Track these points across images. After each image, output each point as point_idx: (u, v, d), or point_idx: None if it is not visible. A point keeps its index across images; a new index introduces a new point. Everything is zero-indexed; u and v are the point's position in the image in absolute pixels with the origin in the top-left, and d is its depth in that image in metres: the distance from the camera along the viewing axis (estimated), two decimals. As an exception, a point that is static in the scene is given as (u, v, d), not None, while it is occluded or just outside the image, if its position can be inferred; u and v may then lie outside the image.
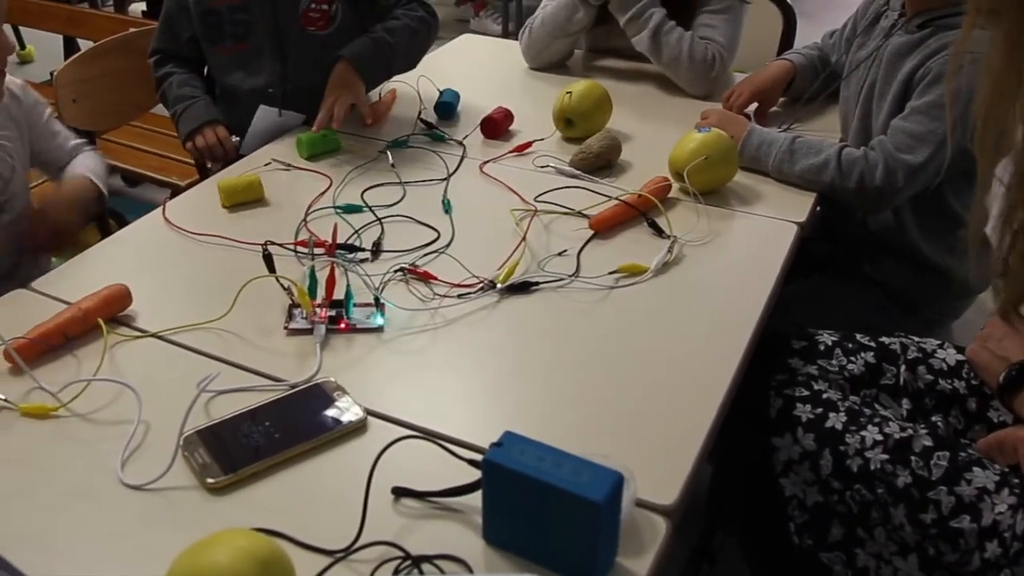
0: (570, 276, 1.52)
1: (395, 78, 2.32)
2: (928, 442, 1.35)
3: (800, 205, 1.76)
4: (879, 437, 1.37)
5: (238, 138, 2.04)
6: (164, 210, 1.70)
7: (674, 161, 1.78)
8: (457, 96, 2.17)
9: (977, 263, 1.40)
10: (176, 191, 2.63)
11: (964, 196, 1.84)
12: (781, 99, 2.19)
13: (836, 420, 1.41)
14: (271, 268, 1.45)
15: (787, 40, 2.63)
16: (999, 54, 1.15)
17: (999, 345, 1.38)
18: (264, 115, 2.07)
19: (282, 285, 1.44)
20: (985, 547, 1.26)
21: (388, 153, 1.91)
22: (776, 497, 1.45)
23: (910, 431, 1.37)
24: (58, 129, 1.79)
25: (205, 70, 2.19)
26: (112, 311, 1.40)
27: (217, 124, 2.03)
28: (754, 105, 2.15)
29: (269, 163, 1.90)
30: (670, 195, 1.76)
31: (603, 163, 1.87)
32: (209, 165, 2.07)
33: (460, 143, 1.99)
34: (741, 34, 2.32)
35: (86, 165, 1.81)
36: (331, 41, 2.09)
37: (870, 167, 1.73)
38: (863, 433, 1.38)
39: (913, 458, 1.34)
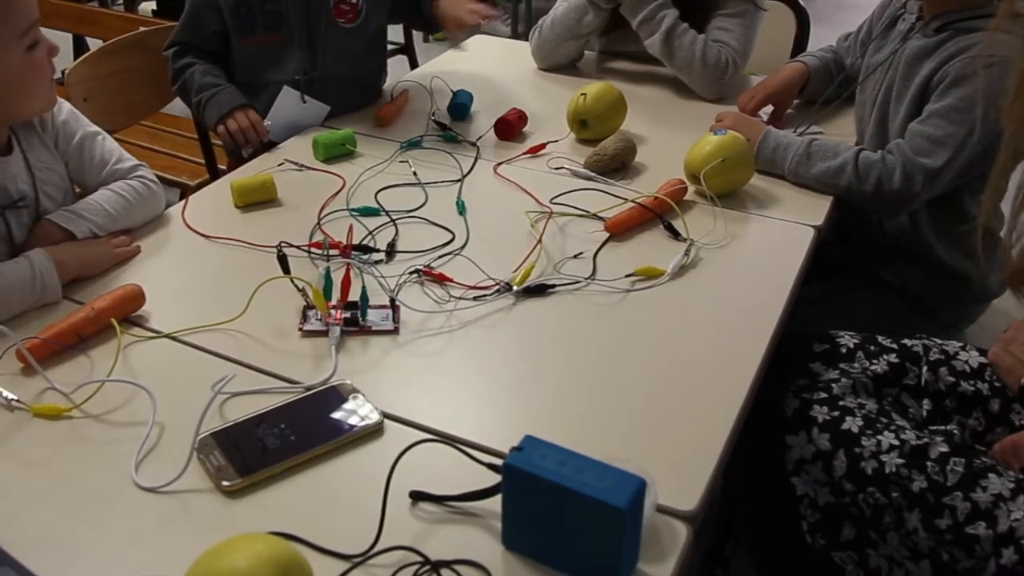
0: (586, 279, 1.51)
1: (408, 77, 2.32)
2: (944, 448, 1.34)
3: (817, 208, 1.75)
4: (895, 442, 1.36)
5: (270, 122, 2.03)
6: (184, 210, 1.70)
7: (690, 163, 1.77)
8: (471, 97, 2.16)
9: (986, 257, 1.39)
10: (186, 191, 2.63)
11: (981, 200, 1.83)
12: (796, 102, 2.18)
13: (853, 423, 1.41)
14: (286, 269, 1.44)
15: (800, 43, 2.62)
16: None
17: (1022, 349, 1.37)
18: (288, 97, 2.06)
19: (297, 286, 1.43)
20: (1001, 554, 1.25)
21: (409, 161, 1.90)
22: (787, 496, 1.44)
23: (926, 439, 1.36)
24: (96, 152, 1.63)
25: (225, 64, 2.18)
26: (125, 311, 1.39)
27: (248, 108, 2.02)
28: (769, 108, 2.14)
29: (282, 163, 1.89)
30: (686, 198, 1.75)
31: (618, 165, 1.86)
32: (244, 153, 2.05)
33: (474, 144, 1.98)
34: (755, 38, 2.31)
35: (92, 199, 1.60)
36: (356, 34, 2.13)
37: (888, 171, 1.72)
38: (879, 437, 1.37)
39: (929, 464, 1.33)
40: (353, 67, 2.15)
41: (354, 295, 1.40)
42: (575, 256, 1.57)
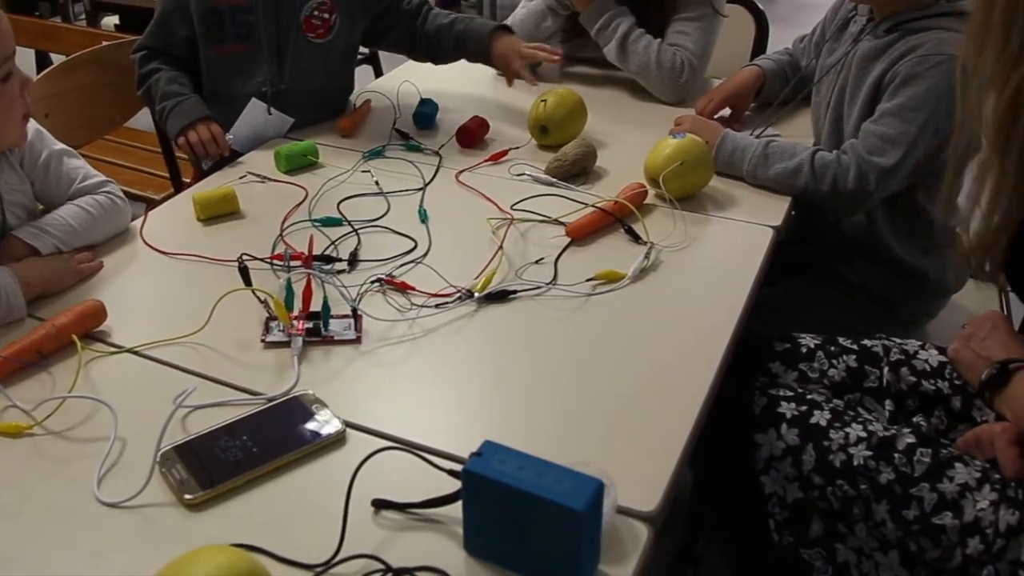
0: (548, 284, 1.52)
1: (371, 87, 2.33)
2: (911, 440, 1.36)
3: (775, 209, 1.77)
4: (863, 434, 1.37)
5: (232, 135, 2.02)
6: (143, 227, 1.69)
7: (649, 167, 1.78)
8: (436, 107, 2.17)
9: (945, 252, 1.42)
10: (151, 205, 2.62)
11: (936, 197, 1.86)
12: (752, 105, 2.21)
13: (821, 417, 1.42)
14: (247, 281, 1.44)
15: (759, 45, 2.64)
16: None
17: (982, 344, 1.38)
18: (254, 109, 2.06)
19: (258, 298, 1.43)
20: (967, 543, 1.27)
21: (372, 171, 1.91)
22: (756, 495, 1.45)
23: (893, 431, 1.38)
24: (63, 171, 1.63)
25: (192, 71, 2.16)
26: (87, 327, 1.38)
27: (210, 121, 2.00)
28: (726, 111, 2.16)
29: (244, 176, 1.89)
30: (646, 201, 1.77)
31: (578, 170, 1.87)
32: (204, 165, 2.04)
33: (436, 153, 1.99)
34: (715, 43, 2.33)
35: (57, 213, 1.59)
36: (328, 49, 2.12)
37: (843, 170, 1.74)
38: (847, 430, 1.39)
39: (896, 455, 1.34)
40: (321, 82, 2.15)
41: (316, 305, 1.41)
42: (536, 262, 1.58)
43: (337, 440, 1.18)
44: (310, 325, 1.38)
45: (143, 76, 2.09)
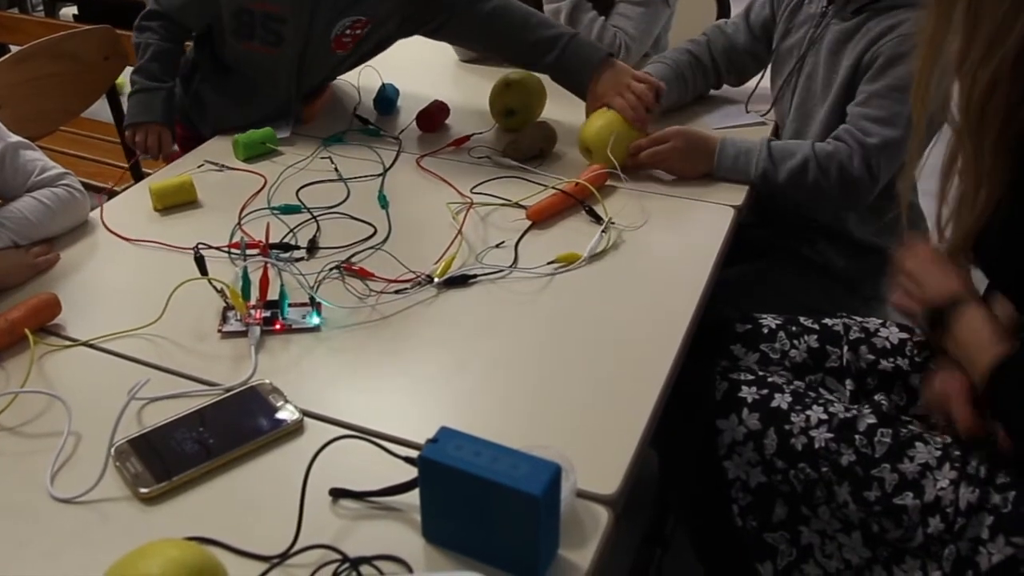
0: (508, 267, 1.51)
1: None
2: (872, 420, 1.36)
3: (737, 189, 1.76)
4: (824, 416, 1.37)
5: (177, 147, 1.98)
6: (102, 213, 1.67)
7: (585, 138, 1.79)
8: (397, 91, 2.15)
9: (911, 227, 1.41)
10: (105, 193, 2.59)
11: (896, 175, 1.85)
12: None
13: (781, 400, 1.42)
14: (203, 271, 1.42)
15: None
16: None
17: (919, 288, 1.37)
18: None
19: (215, 287, 1.41)
20: (928, 522, 1.27)
21: (331, 157, 1.89)
22: (719, 480, 1.45)
23: (854, 412, 1.38)
24: (19, 163, 1.60)
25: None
26: (41, 320, 1.36)
27: (164, 128, 1.94)
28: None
29: (202, 165, 1.87)
30: (608, 183, 1.76)
31: (536, 153, 1.86)
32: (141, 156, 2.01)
33: (396, 138, 1.97)
34: (655, 32, 2.33)
35: (12, 206, 1.57)
36: (344, 59, 2.06)
37: (847, 158, 1.71)
38: (808, 413, 1.39)
39: (857, 436, 1.34)
40: (319, 83, 2.11)
41: (274, 294, 1.39)
42: (497, 245, 1.57)
43: (295, 429, 1.17)
44: (268, 314, 1.37)
45: (139, 29, 1.98)
